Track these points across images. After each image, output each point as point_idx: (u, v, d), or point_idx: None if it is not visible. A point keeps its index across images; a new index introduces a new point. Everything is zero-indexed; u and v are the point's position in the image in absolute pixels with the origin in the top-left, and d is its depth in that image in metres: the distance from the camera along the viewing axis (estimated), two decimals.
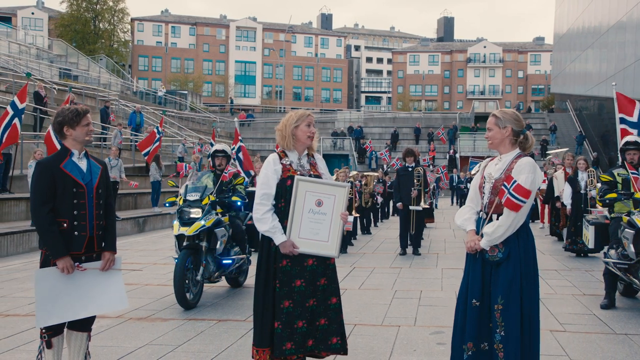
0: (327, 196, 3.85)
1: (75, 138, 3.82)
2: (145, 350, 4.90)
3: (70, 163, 3.78)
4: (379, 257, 10.43)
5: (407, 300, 6.78)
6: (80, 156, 3.84)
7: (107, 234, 3.93)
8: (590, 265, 9.31)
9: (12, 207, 12.54)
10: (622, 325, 5.70)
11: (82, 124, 3.81)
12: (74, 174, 3.76)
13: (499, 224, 3.49)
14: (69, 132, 3.81)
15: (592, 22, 34.32)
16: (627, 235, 6.15)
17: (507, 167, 3.62)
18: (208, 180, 7.17)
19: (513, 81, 78.70)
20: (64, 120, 3.79)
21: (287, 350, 3.71)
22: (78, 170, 3.79)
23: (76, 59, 38.93)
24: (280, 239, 3.78)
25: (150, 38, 73.44)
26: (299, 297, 3.77)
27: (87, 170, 3.83)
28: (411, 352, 4.87)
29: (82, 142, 3.85)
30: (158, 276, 8.26)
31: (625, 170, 6.79)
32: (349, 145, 39.12)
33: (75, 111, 3.79)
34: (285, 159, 3.95)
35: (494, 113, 3.75)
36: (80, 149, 3.86)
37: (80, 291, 3.83)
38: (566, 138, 38.86)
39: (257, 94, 74.73)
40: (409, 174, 10.80)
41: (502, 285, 3.47)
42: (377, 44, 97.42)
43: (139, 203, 17.91)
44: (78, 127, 3.80)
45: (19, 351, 4.85)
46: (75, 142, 3.83)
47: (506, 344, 3.42)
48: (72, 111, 3.79)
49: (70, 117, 3.78)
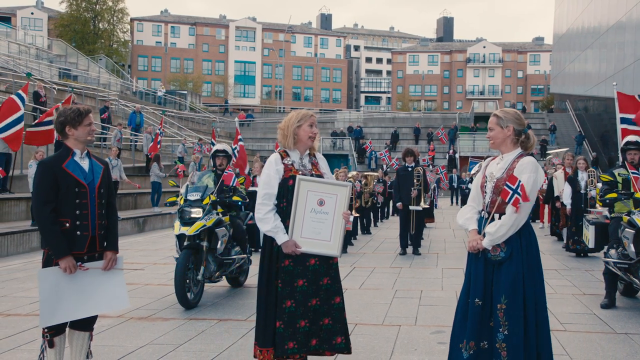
0: (329, 195, 3.85)
1: (77, 138, 3.82)
2: (146, 349, 4.91)
3: (73, 163, 3.79)
4: (379, 257, 10.43)
5: (407, 300, 6.79)
6: (82, 156, 3.85)
7: (109, 233, 3.94)
8: (590, 265, 9.33)
9: (12, 207, 12.54)
10: (623, 325, 5.71)
11: (84, 124, 3.81)
12: (76, 174, 3.76)
13: (501, 224, 3.50)
14: (71, 131, 3.81)
15: (592, 22, 34.34)
16: (628, 235, 6.16)
17: (509, 166, 3.62)
18: (209, 180, 7.18)
19: (512, 81, 78.74)
20: (66, 120, 3.79)
21: (289, 350, 3.72)
22: (80, 170, 3.80)
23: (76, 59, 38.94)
24: (282, 238, 3.79)
25: (149, 38, 73.44)
26: (301, 297, 3.77)
27: (89, 169, 3.84)
28: (412, 351, 4.88)
29: (84, 141, 3.85)
30: (159, 276, 8.27)
31: (625, 170, 6.81)
32: (348, 145, 39.12)
33: (77, 111, 3.80)
34: (287, 159, 3.96)
35: (495, 113, 3.76)
36: (83, 149, 3.86)
37: (83, 291, 3.84)
38: (565, 138, 38.88)
39: (257, 94, 74.74)
40: (409, 174, 10.80)
41: (505, 284, 3.48)
42: (377, 44, 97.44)
43: (139, 203, 17.91)
44: (80, 127, 3.81)
45: (20, 350, 4.86)
46: (77, 142, 3.83)
47: (509, 343, 3.42)
48: (74, 111, 3.80)
49: (72, 117, 3.78)
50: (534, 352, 3.44)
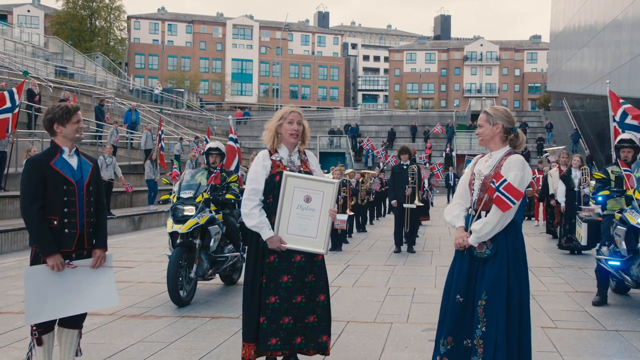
0: (315, 192, 3.86)
1: (66, 135, 3.81)
2: (137, 347, 4.91)
3: (61, 160, 3.78)
4: (374, 255, 10.44)
5: (400, 298, 6.80)
6: (70, 153, 3.84)
7: (98, 231, 3.93)
8: (583, 263, 9.35)
9: (7, 205, 12.51)
10: (613, 322, 5.73)
11: (73, 121, 3.80)
12: (64, 171, 3.75)
13: (487, 221, 3.50)
14: (59, 129, 3.80)
15: (588, 21, 34.37)
16: (619, 232, 6.18)
17: (497, 164, 3.63)
18: (202, 178, 7.17)
19: (510, 79, 78.79)
20: (54, 118, 3.78)
21: (271, 346, 3.73)
22: (68, 167, 3.79)
23: (72, 57, 38.81)
24: (267, 234, 3.79)
25: (146, 36, 73.30)
26: (286, 294, 3.77)
27: (78, 167, 3.83)
28: (403, 348, 4.89)
29: (73, 139, 3.84)
30: (152, 274, 8.26)
31: (618, 167, 6.82)
32: (345, 143, 39.14)
33: (65, 108, 3.79)
34: (276, 155, 3.97)
35: (485, 110, 3.77)
36: (71, 146, 3.85)
37: (71, 289, 3.83)
38: (562, 136, 38.92)
39: (254, 92, 74.66)
40: (404, 171, 10.81)
41: (488, 281, 3.48)
42: (374, 42, 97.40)
43: (134, 201, 17.90)
44: (68, 125, 3.79)
45: (11, 348, 4.85)
46: (65, 140, 3.82)
47: (486, 339, 3.43)
48: (62, 108, 3.78)
49: (60, 114, 3.77)
50: (515, 351, 3.45)
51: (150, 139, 20.54)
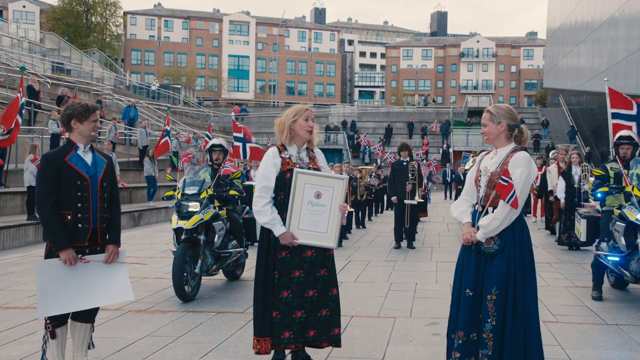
0: (325, 188, 3.93)
1: (82, 132, 3.89)
2: (146, 341, 4.98)
3: (75, 156, 3.86)
4: (374, 251, 10.52)
5: (402, 293, 6.88)
6: (85, 150, 3.92)
7: (112, 227, 4.00)
8: (582, 258, 9.44)
9: (8, 201, 12.55)
10: (613, 316, 5.82)
11: (90, 120, 3.90)
12: (79, 167, 3.83)
13: (494, 217, 3.58)
14: (76, 125, 3.88)
15: (585, 17, 34.48)
16: (618, 228, 6.27)
17: (503, 160, 3.70)
18: (205, 174, 7.23)
19: (506, 76, 78.94)
20: (73, 114, 3.86)
21: (285, 339, 3.80)
22: (83, 163, 3.86)
23: (69, 53, 38.68)
24: (279, 230, 3.86)
25: (143, 32, 73.12)
26: (298, 288, 3.84)
27: (92, 163, 3.91)
28: (407, 342, 4.97)
29: (88, 136, 3.93)
30: (155, 269, 8.32)
31: (617, 164, 6.90)
32: (342, 139, 39.21)
33: (85, 106, 3.88)
34: (285, 153, 4.03)
35: (488, 109, 3.83)
36: (86, 143, 3.93)
37: (83, 283, 3.89)
38: (558, 133, 39.07)
39: (251, 89, 74.61)
40: (404, 168, 10.89)
41: (497, 276, 3.56)
42: (371, 39, 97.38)
43: (134, 197, 17.93)
44: (86, 122, 3.88)
45: (21, 342, 4.91)
46: (81, 136, 3.90)
47: (496, 333, 3.51)
48: (82, 106, 3.88)
49: (79, 111, 3.86)
50: (522, 344, 3.53)
51: (146, 136, 20.53)
